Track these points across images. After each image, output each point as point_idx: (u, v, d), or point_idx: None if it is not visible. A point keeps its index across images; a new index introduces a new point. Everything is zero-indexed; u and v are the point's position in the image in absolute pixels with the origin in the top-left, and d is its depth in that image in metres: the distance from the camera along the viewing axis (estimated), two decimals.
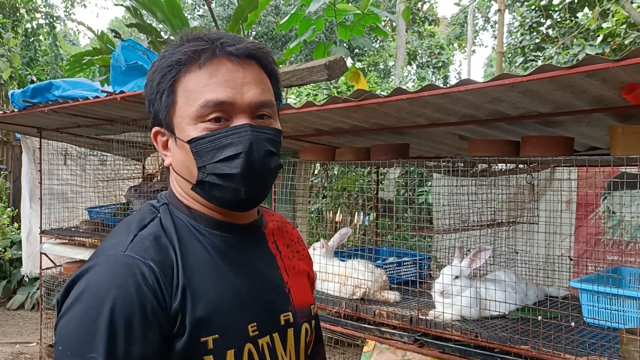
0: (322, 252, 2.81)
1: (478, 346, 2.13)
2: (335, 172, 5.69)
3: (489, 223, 2.60)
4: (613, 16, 6.86)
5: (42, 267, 4.39)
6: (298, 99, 7.29)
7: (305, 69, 2.70)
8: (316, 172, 5.40)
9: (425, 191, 5.36)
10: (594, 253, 3.27)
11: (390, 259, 3.17)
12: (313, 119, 2.68)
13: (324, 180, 5.34)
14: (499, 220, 2.69)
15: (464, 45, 20.84)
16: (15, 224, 6.75)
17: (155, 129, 0.98)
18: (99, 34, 5.20)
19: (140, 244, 0.88)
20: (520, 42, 9.05)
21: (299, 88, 7.32)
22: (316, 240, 2.92)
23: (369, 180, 4.71)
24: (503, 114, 2.27)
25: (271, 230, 1.09)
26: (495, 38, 19.04)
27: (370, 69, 15.40)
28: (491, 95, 1.99)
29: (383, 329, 2.43)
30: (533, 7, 8.73)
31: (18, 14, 9.86)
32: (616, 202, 3.32)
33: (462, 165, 2.41)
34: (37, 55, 10.58)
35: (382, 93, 2.41)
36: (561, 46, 7.74)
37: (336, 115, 2.53)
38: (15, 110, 3.74)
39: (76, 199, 4.58)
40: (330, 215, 5.94)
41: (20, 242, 5.38)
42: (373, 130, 2.77)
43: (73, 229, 4.37)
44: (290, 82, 2.87)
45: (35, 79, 9.20)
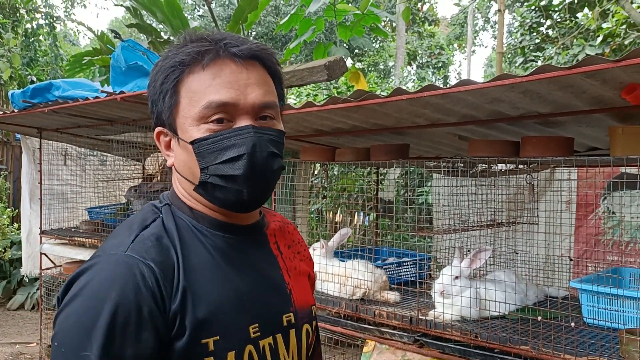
0: (322, 253, 2.81)
1: (478, 346, 2.13)
2: (335, 173, 5.69)
3: (488, 223, 2.60)
4: (613, 16, 6.86)
5: (42, 268, 4.39)
6: (298, 99, 7.29)
7: (305, 70, 2.70)
8: (316, 173, 5.40)
9: (425, 191, 5.36)
10: (593, 253, 3.27)
11: (390, 260, 3.17)
12: (313, 119, 2.68)
13: (324, 181, 5.34)
14: (499, 221, 2.69)
15: (464, 45, 20.84)
16: (15, 224, 6.75)
17: (158, 129, 0.98)
18: (99, 34, 5.19)
19: (141, 244, 0.88)
20: (520, 43, 9.05)
21: (298, 88, 7.31)
22: (316, 241, 2.92)
23: (369, 180, 4.71)
24: (503, 115, 2.27)
25: (273, 230, 1.09)
26: (495, 38, 19.05)
27: (370, 69, 15.40)
28: (491, 96, 1.99)
29: (383, 330, 2.43)
30: (533, 8, 8.73)
31: (18, 14, 9.86)
32: (616, 203, 3.31)
33: (462, 165, 2.41)
34: (37, 55, 10.58)
35: (382, 93, 2.41)
36: (561, 46, 7.74)
37: (336, 115, 2.53)
38: (15, 110, 3.74)
39: (76, 199, 4.58)
40: (330, 215, 5.94)
41: (20, 243, 5.38)
42: (373, 130, 2.77)
43: (73, 230, 4.38)
44: (290, 83, 2.87)
45: (35, 79, 9.20)
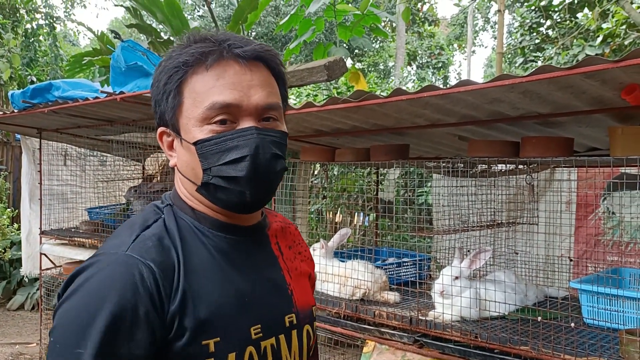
0: (322, 253, 2.81)
1: (478, 347, 2.13)
2: (335, 173, 5.69)
3: (488, 224, 2.60)
4: (613, 17, 6.85)
5: (42, 268, 4.39)
6: (298, 100, 7.29)
7: (305, 70, 2.70)
8: (316, 173, 5.40)
9: (425, 192, 5.36)
10: (593, 254, 3.27)
11: (390, 260, 3.17)
12: (313, 120, 2.68)
13: (323, 181, 5.34)
14: (499, 221, 2.69)
15: (463, 45, 20.85)
16: (15, 225, 6.75)
17: (160, 129, 0.98)
18: (98, 34, 5.19)
19: (142, 244, 0.88)
20: (520, 43, 9.05)
21: (298, 89, 7.31)
22: (316, 241, 2.92)
23: (369, 180, 4.71)
24: (503, 115, 2.27)
25: (274, 231, 1.09)
26: (495, 38, 19.06)
27: (370, 69, 15.41)
28: (491, 96, 1.99)
29: (383, 330, 2.43)
30: (533, 8, 8.73)
31: (18, 15, 9.86)
32: (616, 203, 3.31)
33: (462, 165, 2.41)
34: (37, 55, 10.59)
35: (382, 94, 2.42)
36: (561, 47, 7.73)
37: (336, 115, 2.53)
38: (15, 110, 3.74)
39: (76, 200, 4.58)
40: (330, 215, 5.94)
41: (20, 243, 5.38)
42: (373, 130, 2.77)
43: (73, 230, 4.37)
44: (290, 83, 2.87)
45: (35, 80, 9.20)
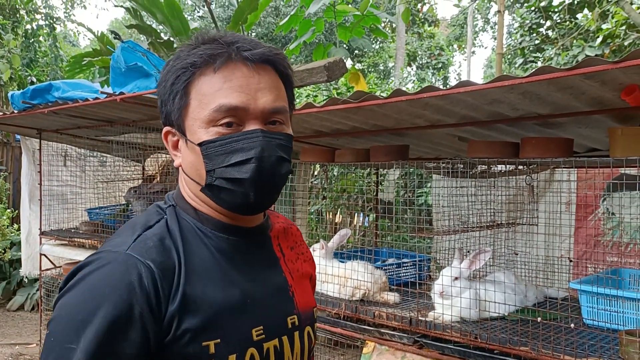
0: (322, 254, 2.81)
1: (477, 347, 2.13)
2: (335, 174, 5.69)
3: (488, 224, 2.60)
4: (613, 17, 6.85)
5: (42, 269, 4.39)
6: (298, 100, 7.30)
7: (304, 71, 2.70)
8: (316, 174, 5.40)
9: (425, 192, 5.36)
10: (593, 254, 3.27)
11: (390, 260, 3.17)
12: (313, 120, 2.68)
13: (323, 182, 5.34)
14: (499, 222, 2.69)
15: (463, 46, 20.86)
16: (15, 225, 6.75)
17: (166, 128, 0.98)
18: (98, 35, 5.19)
19: (142, 244, 0.88)
20: (520, 44, 9.05)
21: (298, 89, 7.32)
22: (316, 242, 2.92)
23: (369, 181, 4.71)
24: (502, 116, 2.27)
25: (276, 232, 1.09)
26: (494, 39, 19.07)
27: (370, 70, 15.41)
28: (491, 97, 2.00)
29: (383, 331, 2.43)
30: (533, 9, 8.73)
31: (18, 15, 9.86)
32: (615, 204, 3.32)
33: (462, 166, 2.42)
34: (37, 56, 10.59)
35: (382, 94, 2.41)
36: (561, 47, 7.73)
37: (336, 116, 2.53)
38: (15, 111, 3.74)
39: (76, 200, 4.58)
40: (330, 216, 5.94)
41: (20, 243, 5.38)
42: (373, 131, 2.77)
43: (73, 230, 4.38)
44: None
45: (35, 80, 9.19)
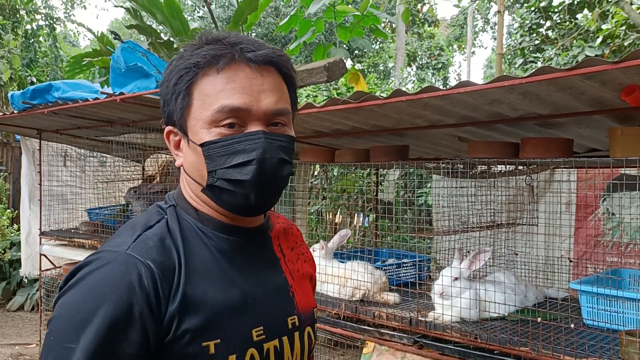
0: (322, 254, 2.81)
1: (477, 348, 2.13)
2: (335, 174, 5.69)
3: (488, 225, 2.60)
4: (612, 17, 6.85)
5: (42, 269, 4.39)
6: (298, 101, 7.29)
7: (304, 71, 2.70)
8: (316, 174, 5.40)
9: (425, 193, 5.36)
10: (593, 255, 3.27)
11: (390, 261, 3.17)
12: (313, 121, 2.68)
13: (323, 182, 5.34)
14: (499, 222, 2.69)
15: (463, 46, 20.86)
16: (15, 226, 6.75)
17: (168, 128, 0.98)
18: (98, 35, 5.19)
19: (142, 244, 0.88)
20: (520, 44, 9.04)
21: (298, 90, 7.32)
22: (316, 242, 2.92)
23: (369, 181, 4.71)
24: (502, 116, 2.27)
25: (277, 232, 1.09)
26: (494, 39, 19.08)
27: (370, 70, 15.41)
28: (490, 97, 2.00)
29: (382, 331, 2.43)
30: (532, 9, 8.72)
31: (18, 16, 9.87)
32: (615, 204, 3.32)
33: (462, 166, 2.42)
34: (37, 56, 10.59)
35: (382, 94, 2.42)
36: (561, 47, 7.73)
37: (336, 116, 2.53)
38: (15, 111, 3.74)
39: (76, 201, 4.58)
40: (330, 216, 5.94)
41: (20, 244, 5.38)
42: (372, 131, 2.77)
43: (72, 231, 4.38)
44: None
45: (35, 81, 9.20)
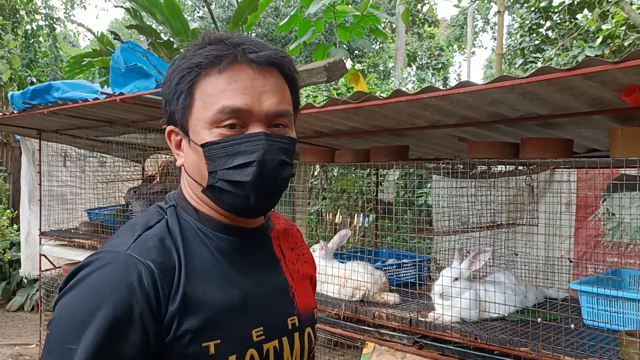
0: (322, 254, 2.81)
1: (477, 348, 2.13)
2: (335, 174, 5.69)
3: (488, 225, 2.60)
4: (612, 18, 6.85)
5: (42, 269, 4.39)
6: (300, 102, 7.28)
7: (304, 71, 2.70)
8: (316, 174, 5.40)
9: (425, 193, 5.35)
10: (593, 255, 3.27)
11: (390, 261, 3.17)
12: (312, 121, 2.68)
13: (323, 182, 5.34)
14: (499, 222, 2.69)
15: (463, 46, 20.86)
16: (15, 226, 6.74)
17: (169, 127, 0.98)
18: (98, 35, 5.20)
19: (142, 244, 0.88)
20: (520, 44, 9.04)
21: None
22: (316, 242, 2.92)
23: (369, 182, 4.71)
24: (502, 116, 2.27)
25: (277, 233, 1.09)
26: (494, 39, 19.08)
27: (369, 70, 15.41)
28: (490, 97, 1.99)
29: (382, 331, 2.43)
30: (532, 9, 8.72)
31: (18, 16, 9.87)
32: (616, 204, 3.31)
33: (462, 167, 2.41)
34: (37, 56, 10.59)
35: (382, 95, 2.42)
36: (561, 48, 7.73)
37: (336, 117, 2.53)
38: (15, 111, 3.74)
39: (75, 201, 4.57)
40: (330, 216, 5.93)
41: (20, 244, 5.38)
42: (372, 132, 2.77)
43: (72, 231, 4.37)
44: None
45: (35, 81, 9.20)
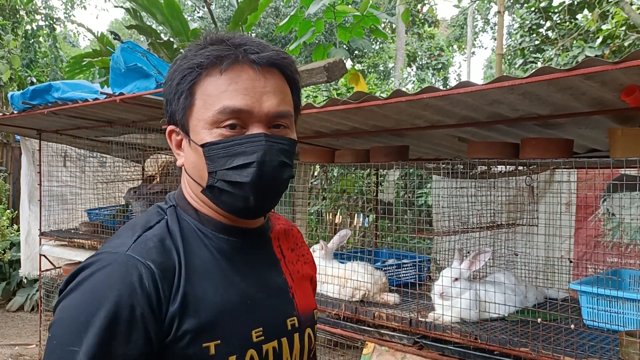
0: (322, 254, 2.81)
1: (477, 348, 2.12)
2: (335, 174, 5.69)
3: (488, 225, 2.60)
4: (612, 18, 6.85)
5: (42, 269, 4.39)
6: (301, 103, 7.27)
7: (304, 71, 2.70)
8: (316, 174, 5.40)
9: (425, 193, 5.35)
10: (593, 255, 3.27)
11: (390, 261, 3.17)
12: (312, 121, 2.68)
13: (323, 182, 5.34)
14: (499, 223, 2.69)
15: (463, 47, 20.85)
16: (15, 226, 6.74)
17: (170, 127, 0.98)
18: (98, 35, 5.20)
19: (142, 244, 0.88)
20: (520, 44, 9.04)
21: None
22: (315, 242, 2.92)
23: (369, 182, 4.71)
24: (502, 116, 2.27)
25: (277, 234, 1.09)
26: (494, 40, 19.09)
27: (369, 70, 15.41)
28: (490, 98, 1.99)
29: (382, 331, 2.43)
30: (533, 9, 8.72)
31: (18, 16, 9.87)
32: (616, 204, 3.31)
33: (462, 167, 2.41)
34: (37, 57, 10.59)
35: (382, 95, 2.42)
36: (561, 48, 7.73)
37: (336, 117, 2.53)
38: (15, 112, 3.74)
39: (75, 201, 4.57)
40: (330, 217, 5.93)
41: (20, 244, 5.38)
42: (372, 132, 2.77)
43: (72, 231, 4.37)
44: None
45: (34, 81, 9.20)
